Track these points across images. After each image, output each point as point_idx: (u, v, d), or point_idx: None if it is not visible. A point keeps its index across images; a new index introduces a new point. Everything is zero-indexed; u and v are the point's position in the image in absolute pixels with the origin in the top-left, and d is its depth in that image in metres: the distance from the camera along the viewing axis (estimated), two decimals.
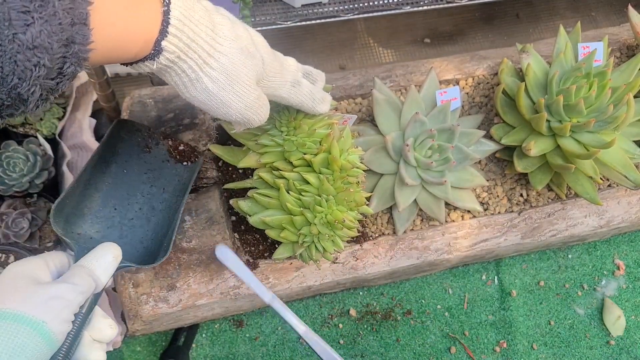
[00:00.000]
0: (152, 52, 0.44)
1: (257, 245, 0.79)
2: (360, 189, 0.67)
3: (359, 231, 0.82)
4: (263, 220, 0.67)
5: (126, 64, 0.46)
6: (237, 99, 0.49)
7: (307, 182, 0.65)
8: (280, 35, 1.14)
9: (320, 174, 0.65)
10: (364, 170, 0.70)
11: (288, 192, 0.65)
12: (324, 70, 0.65)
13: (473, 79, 0.91)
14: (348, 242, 0.82)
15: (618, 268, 1.07)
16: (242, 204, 0.69)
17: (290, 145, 0.65)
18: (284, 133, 0.65)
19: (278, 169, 0.66)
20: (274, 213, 0.67)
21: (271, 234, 0.67)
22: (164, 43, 0.43)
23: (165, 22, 0.43)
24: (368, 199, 0.77)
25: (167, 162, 0.74)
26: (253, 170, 0.70)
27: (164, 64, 0.45)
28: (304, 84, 0.58)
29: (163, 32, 0.43)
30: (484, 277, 1.03)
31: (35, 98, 0.36)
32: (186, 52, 0.45)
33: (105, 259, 0.51)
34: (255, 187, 0.69)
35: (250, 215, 0.68)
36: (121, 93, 1.00)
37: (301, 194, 0.65)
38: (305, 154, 0.65)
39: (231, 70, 0.48)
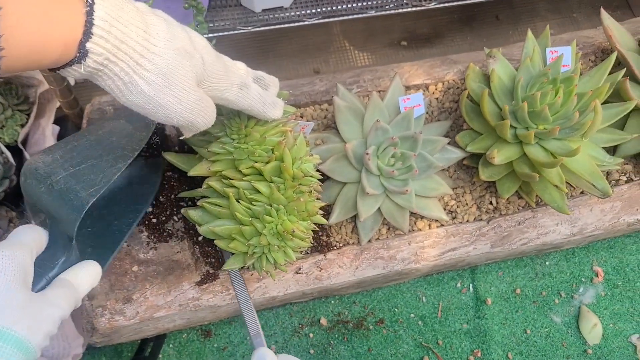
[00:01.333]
0: (78, 55, 0.42)
1: (217, 256, 0.77)
2: (314, 198, 0.66)
3: (322, 241, 0.80)
4: (212, 230, 0.65)
5: (55, 70, 0.44)
6: (176, 101, 0.48)
7: (258, 191, 0.63)
8: (254, 39, 1.12)
9: (272, 182, 0.63)
10: (325, 179, 0.68)
11: (238, 202, 0.64)
12: (297, 74, 0.64)
13: (443, 84, 0.90)
14: (311, 252, 0.80)
15: (596, 275, 1.04)
16: (192, 214, 0.68)
17: (241, 153, 0.63)
18: (234, 140, 0.64)
19: (228, 178, 0.64)
20: (224, 223, 0.65)
21: (221, 244, 0.66)
22: (88, 45, 0.41)
23: (89, 23, 0.41)
24: (324, 208, 0.76)
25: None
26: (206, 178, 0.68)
27: (92, 67, 0.43)
28: (253, 87, 0.57)
29: (87, 34, 0.41)
30: (459, 284, 1.01)
31: None
32: (116, 54, 0.43)
33: (91, 280, 0.50)
34: (207, 196, 0.68)
35: (200, 225, 0.67)
36: (88, 99, 0.99)
37: (251, 204, 0.63)
38: (256, 162, 0.63)
39: (167, 71, 0.46)
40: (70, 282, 0.48)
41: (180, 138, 0.67)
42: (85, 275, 0.50)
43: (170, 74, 0.46)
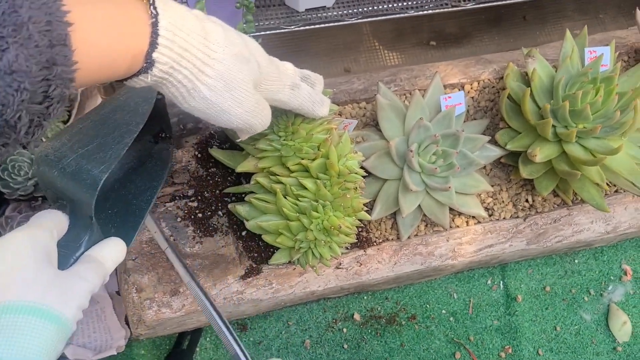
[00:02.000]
0: (145, 65, 0.43)
1: (259, 251, 0.78)
2: (359, 194, 0.67)
3: (362, 237, 0.82)
4: (260, 225, 0.67)
5: (121, 81, 0.46)
6: (236, 105, 0.49)
7: (304, 188, 0.65)
8: (284, 38, 1.13)
9: (318, 179, 0.65)
10: (366, 176, 0.69)
11: (285, 197, 0.65)
12: (328, 73, 0.65)
13: (478, 83, 0.91)
14: (351, 247, 0.81)
15: (625, 273, 1.06)
16: (240, 209, 0.69)
17: (288, 150, 0.65)
18: (281, 138, 0.65)
19: (275, 174, 0.66)
20: (270, 218, 0.67)
21: (268, 239, 0.67)
22: (155, 55, 0.43)
23: (155, 34, 0.42)
24: (367, 204, 0.77)
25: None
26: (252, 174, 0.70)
27: (158, 76, 0.44)
28: (303, 87, 0.58)
29: (153, 44, 0.43)
30: (489, 281, 1.02)
31: (23, 124, 0.35)
32: (180, 62, 0.45)
33: (116, 255, 0.51)
34: (253, 192, 0.69)
35: (247, 220, 0.68)
36: None
37: (298, 199, 0.65)
38: (302, 159, 0.65)
39: (228, 76, 0.47)
40: (96, 258, 0.49)
41: (236, 141, 0.69)
42: (110, 250, 0.50)
43: (230, 78, 0.48)
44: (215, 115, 0.49)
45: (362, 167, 0.75)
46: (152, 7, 0.43)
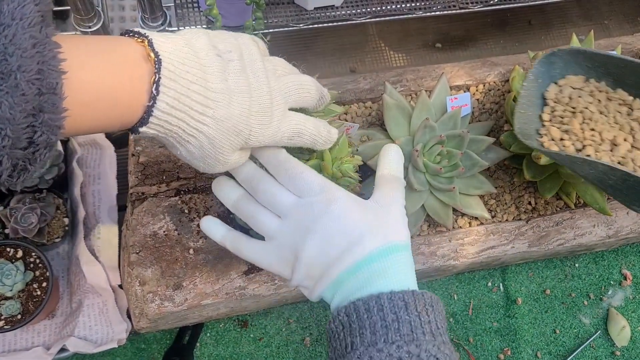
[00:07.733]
0: (137, 123, 0.44)
1: None
2: None
3: None
4: None
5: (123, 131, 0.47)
6: (218, 163, 0.51)
7: None
8: (291, 36, 1.14)
9: None
10: (370, 174, 0.70)
11: None
12: (334, 72, 0.66)
13: (484, 85, 0.91)
14: None
15: (625, 278, 1.06)
16: None
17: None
18: None
19: None
20: None
21: None
22: (142, 130, 0.44)
23: (147, 114, 0.43)
24: None
25: None
26: None
27: (149, 134, 0.46)
28: (307, 132, 0.56)
29: (144, 121, 0.44)
30: (489, 283, 1.03)
31: (5, 168, 0.35)
32: (171, 129, 0.46)
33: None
34: None
35: None
36: None
37: None
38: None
39: (215, 142, 0.48)
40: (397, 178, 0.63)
41: None
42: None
43: (217, 143, 0.48)
44: (197, 166, 0.51)
45: (366, 165, 0.76)
46: (154, 86, 0.42)
